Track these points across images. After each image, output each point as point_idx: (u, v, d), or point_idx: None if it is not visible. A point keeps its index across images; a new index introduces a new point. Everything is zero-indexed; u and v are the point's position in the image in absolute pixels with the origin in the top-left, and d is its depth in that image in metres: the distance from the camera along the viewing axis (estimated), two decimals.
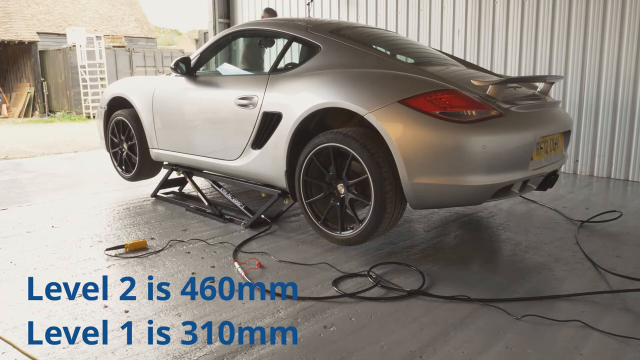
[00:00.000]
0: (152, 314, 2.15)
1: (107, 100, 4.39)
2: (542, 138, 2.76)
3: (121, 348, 1.88)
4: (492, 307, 2.20)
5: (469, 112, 2.52)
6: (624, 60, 4.77)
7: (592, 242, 3.09)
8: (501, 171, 2.54)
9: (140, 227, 3.39)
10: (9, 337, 1.96)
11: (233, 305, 2.23)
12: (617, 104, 4.88)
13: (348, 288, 2.41)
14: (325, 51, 3.06)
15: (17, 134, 10.92)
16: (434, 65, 3.21)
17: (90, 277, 2.55)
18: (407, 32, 6.26)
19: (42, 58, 18.15)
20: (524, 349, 1.87)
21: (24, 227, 3.44)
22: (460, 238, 3.20)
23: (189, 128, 3.66)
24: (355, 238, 2.79)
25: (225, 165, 3.45)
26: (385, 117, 2.56)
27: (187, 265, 2.71)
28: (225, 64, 4.56)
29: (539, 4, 5.20)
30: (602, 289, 2.40)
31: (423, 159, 2.50)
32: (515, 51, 5.43)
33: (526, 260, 2.78)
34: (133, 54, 17.75)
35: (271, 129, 3.09)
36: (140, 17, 24.11)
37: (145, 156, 4.14)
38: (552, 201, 4.07)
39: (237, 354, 1.84)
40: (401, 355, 1.84)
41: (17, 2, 19.85)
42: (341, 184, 2.82)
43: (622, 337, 1.95)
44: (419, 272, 2.58)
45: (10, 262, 2.78)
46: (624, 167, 4.91)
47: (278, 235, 3.23)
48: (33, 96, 17.47)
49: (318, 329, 2.02)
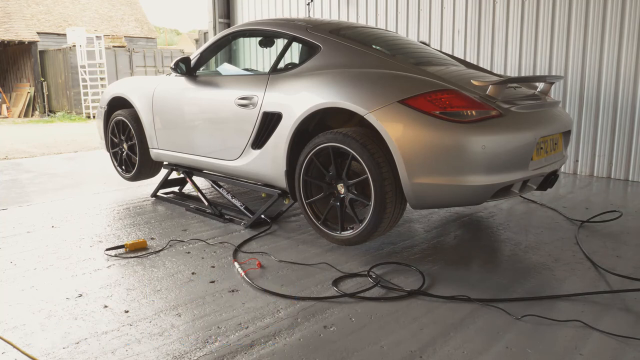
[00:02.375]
0: (152, 314, 2.15)
1: (107, 100, 4.39)
2: (542, 138, 2.76)
3: (121, 348, 1.88)
4: (492, 307, 2.20)
5: (469, 112, 2.52)
6: (624, 60, 4.77)
7: (592, 242, 3.09)
8: (501, 171, 2.54)
9: (140, 227, 3.39)
10: (9, 337, 1.96)
11: (233, 305, 2.23)
12: (617, 103, 4.88)
13: (348, 288, 2.41)
14: (325, 51, 3.06)
15: (17, 134, 10.93)
16: (434, 65, 3.21)
17: (90, 277, 2.55)
18: (407, 32, 6.26)
19: (42, 58, 18.16)
20: (524, 349, 1.87)
21: (24, 227, 3.44)
22: (460, 238, 3.20)
23: (189, 128, 3.66)
24: (355, 238, 2.79)
25: (225, 165, 3.45)
26: (385, 117, 2.56)
27: (187, 265, 2.71)
28: (225, 64, 4.56)
29: (539, 4, 5.20)
30: (602, 289, 2.40)
31: (423, 159, 2.50)
32: (515, 51, 5.43)
33: (526, 260, 2.78)
34: (133, 54, 17.76)
35: (271, 129, 3.09)
36: (140, 17, 24.12)
37: (145, 156, 4.14)
38: (552, 201, 4.07)
39: (237, 354, 1.84)
40: (401, 355, 1.84)
41: (17, 2, 19.86)
42: (341, 184, 2.82)
43: (622, 337, 1.95)
44: (419, 272, 2.58)
45: (10, 262, 2.78)
46: (624, 167, 4.91)
47: (278, 235, 3.23)
48: (33, 96, 17.47)
49: (318, 329, 2.02)
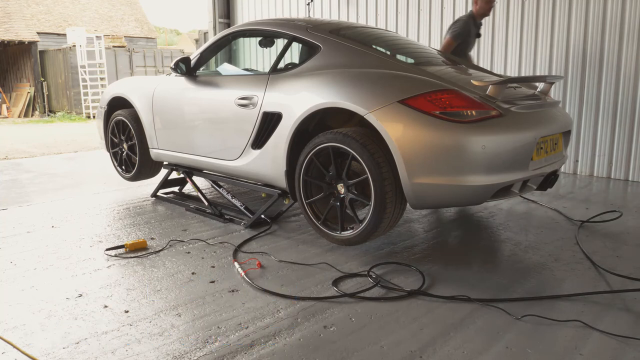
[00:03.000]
0: (152, 314, 2.15)
1: (107, 100, 4.39)
2: (542, 138, 2.76)
3: (121, 348, 1.88)
4: (492, 307, 2.20)
5: (469, 112, 2.52)
6: (624, 60, 4.77)
7: (592, 242, 3.09)
8: (501, 171, 2.54)
9: (140, 227, 3.39)
10: (9, 337, 1.96)
11: (233, 305, 2.23)
12: (617, 104, 4.88)
13: (348, 288, 2.41)
14: (325, 51, 3.06)
15: (17, 134, 10.92)
16: (434, 65, 3.21)
17: (90, 277, 2.55)
18: (407, 32, 6.26)
19: (42, 58, 18.16)
20: (524, 349, 1.87)
21: (24, 227, 3.44)
22: (460, 238, 3.20)
23: (189, 128, 3.66)
24: (355, 238, 2.79)
25: (225, 165, 3.45)
26: (385, 117, 2.56)
27: (187, 265, 2.71)
28: (225, 64, 4.56)
29: (539, 4, 5.20)
30: (602, 289, 2.40)
31: (423, 159, 2.50)
32: (515, 51, 5.43)
33: (526, 260, 2.78)
34: (133, 54, 17.76)
35: (271, 129, 3.09)
36: (140, 17, 24.11)
37: (145, 156, 4.14)
38: (552, 201, 4.07)
39: (237, 354, 1.84)
40: (401, 355, 1.84)
41: (17, 2, 19.85)
42: (341, 184, 2.82)
43: (622, 337, 1.95)
44: (419, 272, 2.58)
45: (10, 262, 2.78)
46: (624, 167, 4.91)
47: (278, 235, 3.23)
48: (33, 96, 17.47)
49: (318, 329, 2.02)
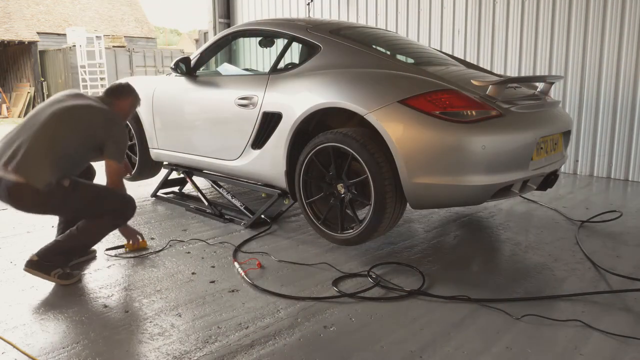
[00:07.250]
0: (152, 314, 2.15)
1: None
2: (542, 138, 2.76)
3: (121, 348, 1.88)
4: (492, 307, 2.20)
5: (469, 112, 2.52)
6: (624, 60, 4.77)
7: (592, 242, 3.09)
8: (501, 171, 2.54)
9: (140, 227, 3.39)
10: (9, 337, 1.96)
11: (233, 305, 2.23)
12: (617, 103, 4.88)
13: (348, 288, 2.41)
14: (325, 51, 3.06)
15: None
16: (434, 65, 3.21)
17: (90, 277, 2.55)
18: (407, 32, 6.26)
19: (42, 58, 18.16)
20: (524, 349, 1.87)
21: (24, 227, 3.44)
22: (460, 238, 3.20)
23: (189, 128, 3.66)
24: (355, 238, 2.78)
25: (225, 165, 3.44)
26: (385, 117, 2.56)
27: (187, 265, 2.71)
28: (225, 64, 4.55)
29: (539, 4, 5.20)
30: (602, 289, 2.40)
31: (423, 158, 2.50)
32: (515, 51, 5.43)
33: (526, 260, 2.78)
34: (133, 54, 17.76)
35: (271, 129, 3.09)
36: (140, 17, 24.12)
37: (145, 156, 4.13)
38: (552, 201, 4.07)
39: (237, 354, 1.84)
40: (401, 355, 1.84)
41: (17, 2, 19.85)
42: (341, 184, 2.82)
43: (622, 337, 1.95)
44: (419, 272, 2.58)
45: (10, 262, 2.78)
46: (624, 167, 4.91)
47: (278, 235, 3.23)
48: (33, 96, 17.46)
49: (318, 329, 2.02)
